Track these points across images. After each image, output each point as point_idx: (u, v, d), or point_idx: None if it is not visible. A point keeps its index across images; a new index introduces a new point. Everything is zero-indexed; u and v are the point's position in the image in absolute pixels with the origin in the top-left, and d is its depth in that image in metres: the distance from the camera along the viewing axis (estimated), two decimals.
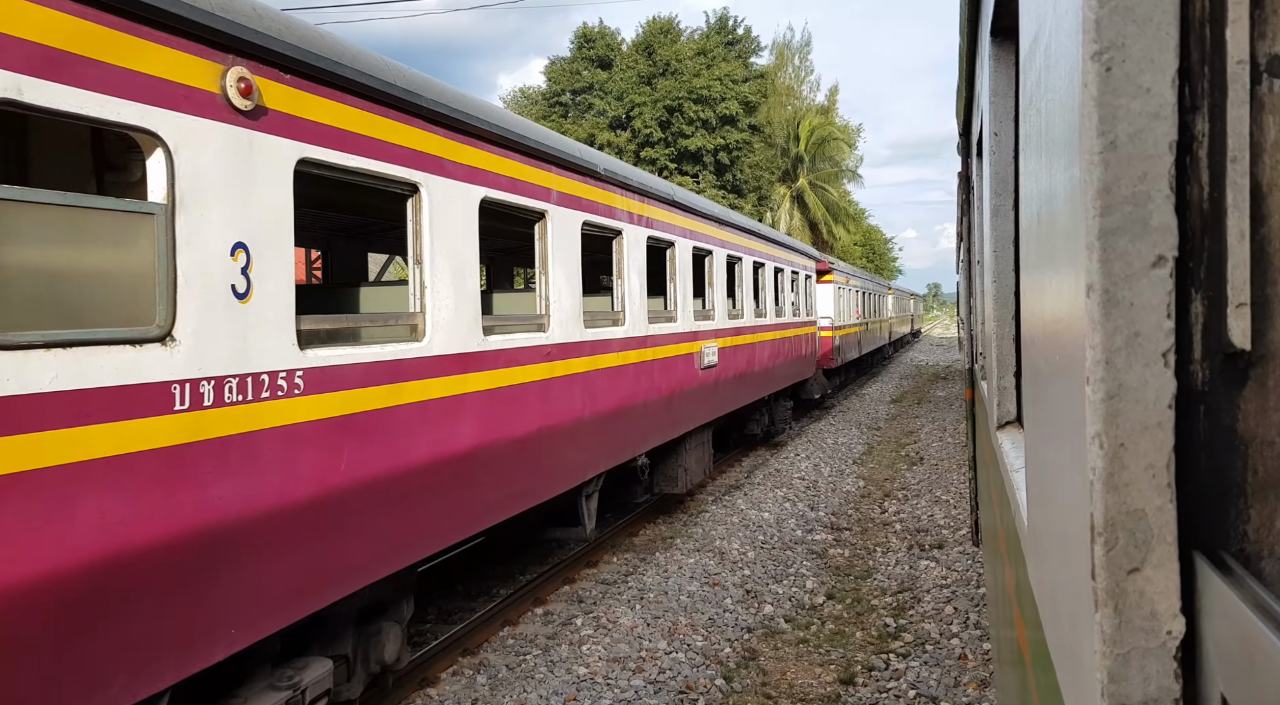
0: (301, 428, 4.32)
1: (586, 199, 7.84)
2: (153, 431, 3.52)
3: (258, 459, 4.04)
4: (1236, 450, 0.89)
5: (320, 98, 4.55)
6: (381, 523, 4.99)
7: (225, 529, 3.87)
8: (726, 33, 52.15)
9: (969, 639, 7.23)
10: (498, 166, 6.31)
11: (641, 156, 47.01)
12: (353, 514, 4.72)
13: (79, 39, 3.30)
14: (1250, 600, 0.76)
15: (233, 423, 3.90)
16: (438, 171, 5.56)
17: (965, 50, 5.07)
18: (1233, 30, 0.88)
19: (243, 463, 3.96)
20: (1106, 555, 0.89)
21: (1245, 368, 0.89)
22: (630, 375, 8.77)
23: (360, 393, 4.76)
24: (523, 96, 51.81)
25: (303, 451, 4.32)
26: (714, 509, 11.64)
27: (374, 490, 4.89)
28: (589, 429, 7.78)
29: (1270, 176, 0.88)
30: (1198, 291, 0.89)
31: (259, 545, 4.06)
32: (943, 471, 14.35)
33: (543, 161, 7.04)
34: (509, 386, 6.41)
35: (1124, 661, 0.88)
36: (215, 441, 3.81)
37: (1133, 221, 0.89)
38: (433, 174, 5.51)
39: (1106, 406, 0.89)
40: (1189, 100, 0.90)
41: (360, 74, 4.79)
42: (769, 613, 7.91)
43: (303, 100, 4.42)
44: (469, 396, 5.86)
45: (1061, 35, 1.12)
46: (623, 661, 6.76)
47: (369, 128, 4.91)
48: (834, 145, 56.10)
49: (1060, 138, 1.15)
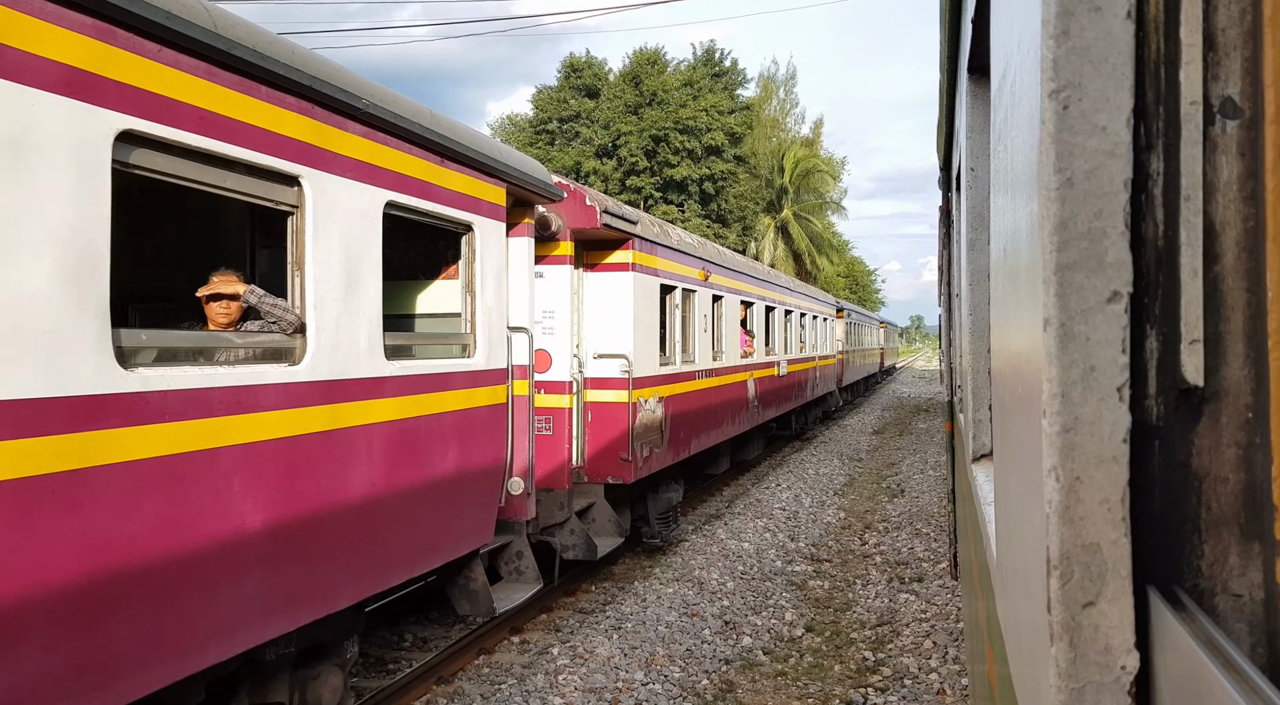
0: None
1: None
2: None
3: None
4: (1191, 485, 0.89)
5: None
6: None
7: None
8: (713, 64, 52.65)
9: (947, 674, 7.20)
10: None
11: (627, 185, 47.25)
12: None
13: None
14: (1200, 636, 0.76)
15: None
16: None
17: (945, 86, 5.14)
18: (1186, 72, 0.90)
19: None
20: (1062, 588, 0.89)
21: (1199, 404, 0.89)
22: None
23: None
24: (510, 123, 52.09)
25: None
26: (694, 538, 11.60)
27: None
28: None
29: (1223, 215, 0.89)
30: (1152, 327, 0.90)
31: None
32: (923, 504, 14.37)
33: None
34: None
35: (1079, 696, 0.88)
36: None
37: (1088, 257, 0.90)
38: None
39: (1062, 440, 0.90)
40: (1144, 139, 0.91)
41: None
42: (747, 644, 7.86)
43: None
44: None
45: (1024, 73, 1.14)
46: (599, 692, 6.69)
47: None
48: (818, 177, 56.60)
49: (1023, 173, 1.16)
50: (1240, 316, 0.88)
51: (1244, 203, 0.88)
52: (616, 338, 9.37)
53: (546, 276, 8.70)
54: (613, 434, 9.28)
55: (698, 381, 12.02)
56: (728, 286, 13.74)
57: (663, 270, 10.37)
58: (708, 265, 12.46)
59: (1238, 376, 0.88)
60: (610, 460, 9.31)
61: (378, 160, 5.28)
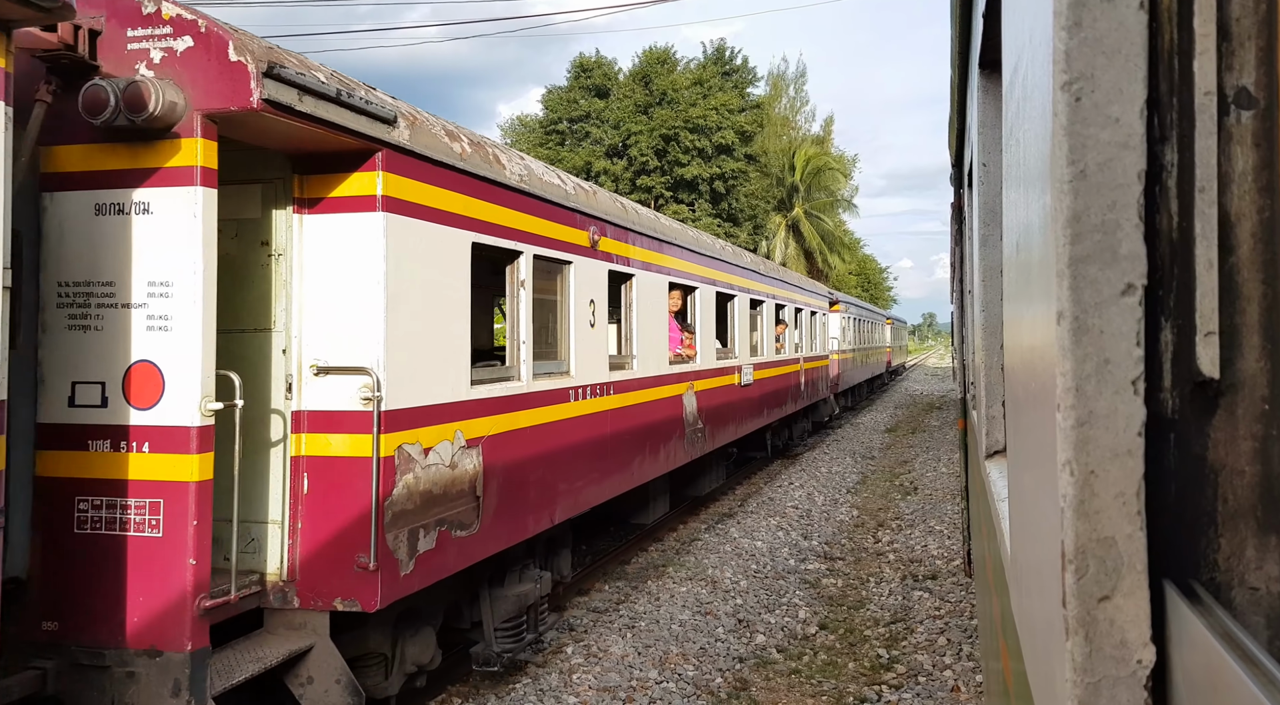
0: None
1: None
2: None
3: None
4: (1206, 479, 0.89)
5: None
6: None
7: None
8: (723, 63, 52.64)
9: (962, 671, 7.18)
10: None
11: (638, 184, 47.27)
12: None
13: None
14: (1217, 630, 0.75)
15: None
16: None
17: (956, 82, 5.12)
18: (1200, 62, 0.89)
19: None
20: (1077, 583, 0.89)
21: (1214, 396, 0.89)
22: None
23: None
24: (520, 124, 52.20)
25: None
26: (706, 537, 11.59)
27: None
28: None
29: (1238, 206, 0.89)
30: (1167, 320, 0.90)
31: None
32: (936, 501, 14.32)
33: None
34: None
35: (1094, 690, 0.88)
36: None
37: (1102, 250, 0.90)
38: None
39: (1077, 434, 0.89)
40: (1158, 131, 0.91)
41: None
42: (761, 642, 7.85)
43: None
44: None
45: (1036, 66, 1.13)
46: (613, 691, 6.70)
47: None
48: (829, 175, 56.49)
49: (1035, 167, 1.16)
50: (1256, 308, 0.87)
51: (1259, 194, 0.88)
52: (352, 335, 5.13)
53: (156, 211, 4.50)
54: (343, 516, 5.08)
55: (572, 405, 7.75)
56: (645, 260, 9.58)
57: (482, 220, 6.20)
58: (596, 224, 8.25)
59: (1254, 369, 0.87)
60: (338, 567, 5.07)
61: None
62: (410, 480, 5.34)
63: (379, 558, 4.99)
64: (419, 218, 5.50)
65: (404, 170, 5.35)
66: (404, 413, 5.31)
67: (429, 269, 5.59)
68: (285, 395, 5.21)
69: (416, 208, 5.47)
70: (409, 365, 5.35)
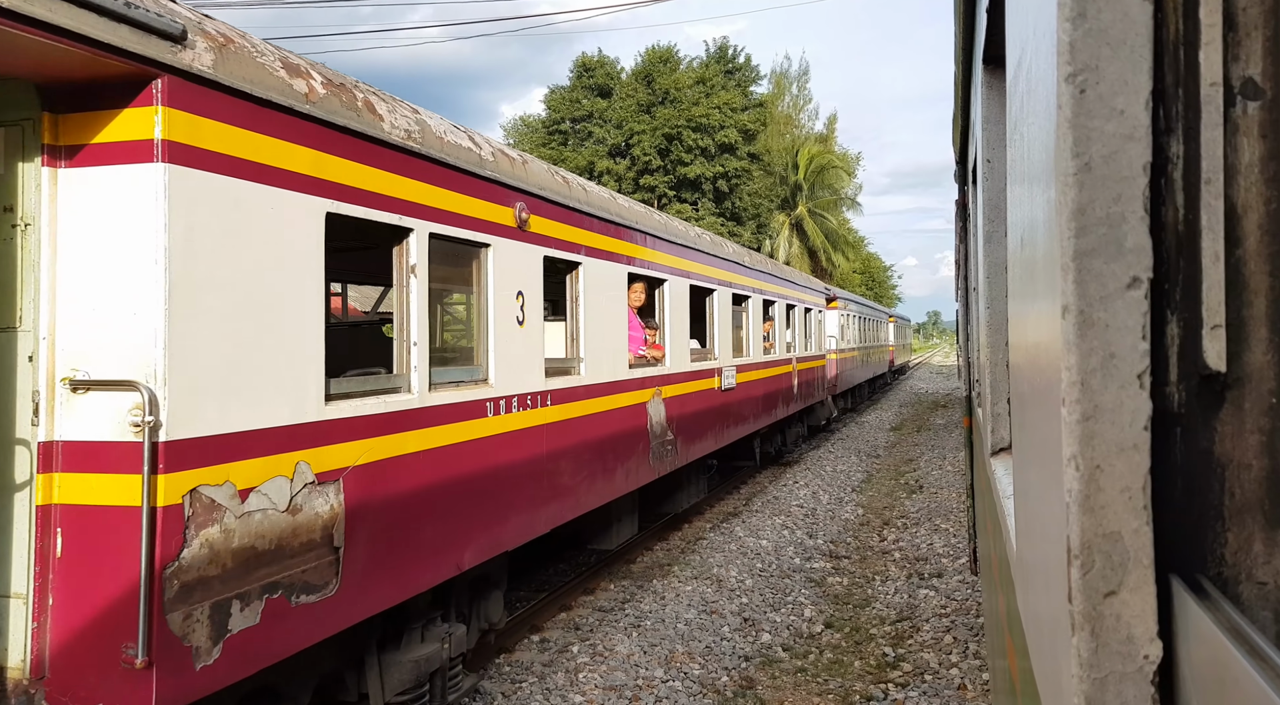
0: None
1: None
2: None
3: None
4: (1213, 473, 0.88)
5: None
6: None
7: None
8: (726, 61, 52.61)
9: (968, 669, 7.16)
10: None
11: (641, 184, 47.27)
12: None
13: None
14: (1224, 624, 0.75)
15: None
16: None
17: (960, 78, 5.11)
18: (1206, 53, 0.89)
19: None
20: (1083, 578, 0.88)
21: (1221, 390, 0.88)
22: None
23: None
24: (523, 124, 52.22)
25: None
26: (712, 536, 11.58)
27: None
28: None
29: (1244, 199, 0.88)
30: (1173, 313, 0.89)
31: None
32: (942, 499, 14.30)
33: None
34: None
35: (1101, 686, 0.87)
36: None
37: (1107, 243, 0.89)
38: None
39: (1082, 428, 0.89)
40: (1163, 122, 0.90)
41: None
42: (767, 641, 7.84)
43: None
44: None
45: (1040, 59, 1.13)
46: (619, 690, 6.69)
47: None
48: (833, 173, 56.43)
49: (1040, 161, 1.15)
50: (1263, 301, 0.87)
51: (1266, 185, 0.87)
52: (118, 337, 3.73)
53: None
54: (108, 589, 3.62)
55: (492, 421, 6.20)
56: (596, 247, 8.14)
57: (346, 185, 4.82)
58: (525, 199, 6.73)
59: (1261, 362, 0.87)
60: (103, 660, 3.60)
61: None
62: (214, 535, 3.84)
63: (154, 649, 3.52)
64: (233, 174, 4.01)
65: (204, 108, 3.86)
66: (200, 443, 3.79)
67: (253, 245, 4.12)
68: (32, 419, 3.74)
69: (228, 161, 3.98)
70: (214, 377, 3.88)
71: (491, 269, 6.26)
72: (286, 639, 4.28)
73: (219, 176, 3.96)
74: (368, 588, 4.86)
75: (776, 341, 16.33)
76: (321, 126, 4.60)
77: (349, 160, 4.81)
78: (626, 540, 10.17)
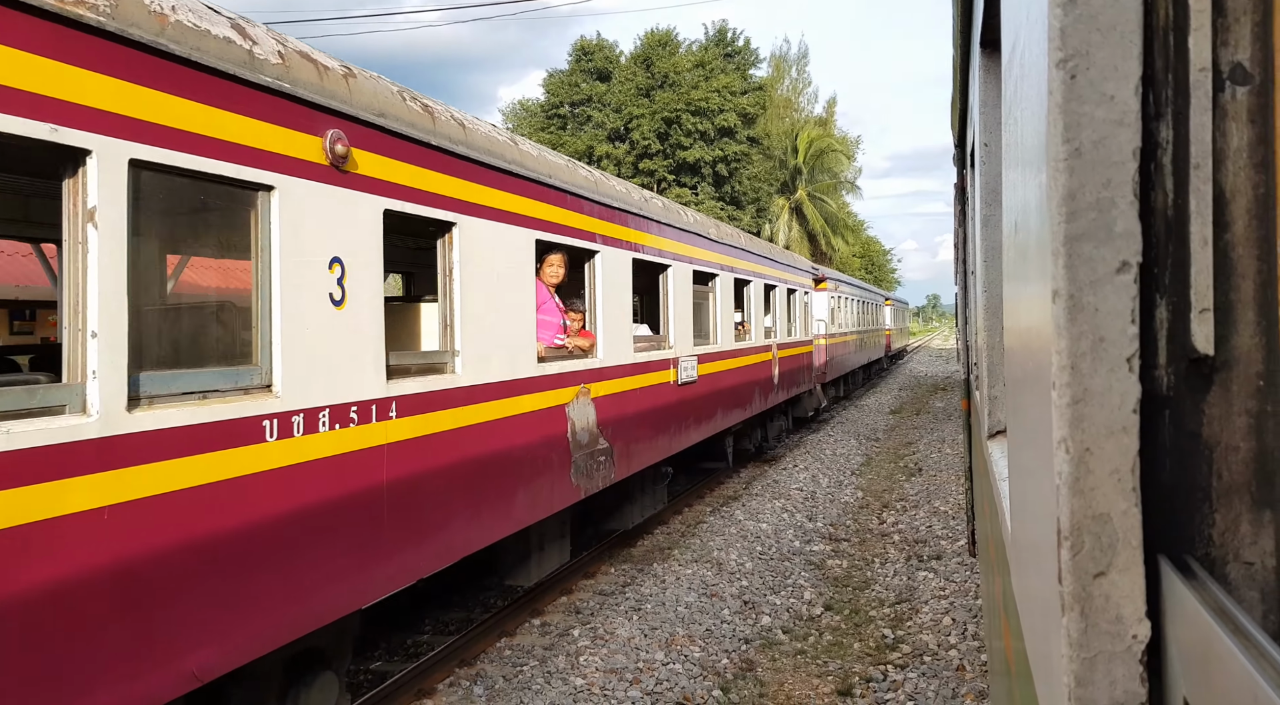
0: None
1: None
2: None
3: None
4: (1201, 455, 0.89)
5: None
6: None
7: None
8: (725, 45, 52.38)
9: (966, 650, 7.21)
10: None
11: (640, 168, 47.15)
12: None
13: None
14: (1211, 605, 0.76)
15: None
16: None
17: (958, 62, 5.10)
18: (1195, 38, 0.89)
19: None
20: (1073, 559, 0.89)
21: (1209, 373, 0.89)
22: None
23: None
24: (522, 108, 52.05)
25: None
26: (712, 520, 11.63)
27: None
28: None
29: (1233, 183, 0.89)
30: (1162, 297, 0.90)
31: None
32: (941, 482, 14.34)
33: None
34: None
35: (1090, 665, 0.88)
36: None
37: (1097, 228, 0.90)
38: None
39: (1072, 411, 0.90)
40: (1153, 107, 0.91)
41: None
42: (767, 624, 7.88)
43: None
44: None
45: (1033, 44, 1.13)
46: (620, 672, 6.74)
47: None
48: (832, 157, 56.32)
49: (1032, 146, 1.16)
50: (1251, 284, 0.87)
51: (1254, 170, 0.88)
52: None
53: None
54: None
55: (270, 448, 4.29)
56: (482, 204, 6.30)
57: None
58: (344, 126, 4.92)
59: (1248, 345, 0.88)
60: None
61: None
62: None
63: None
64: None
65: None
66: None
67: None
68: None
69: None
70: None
71: (277, 223, 4.38)
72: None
73: None
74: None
75: (753, 326, 14.65)
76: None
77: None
78: (556, 571, 8.52)
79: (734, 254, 13.56)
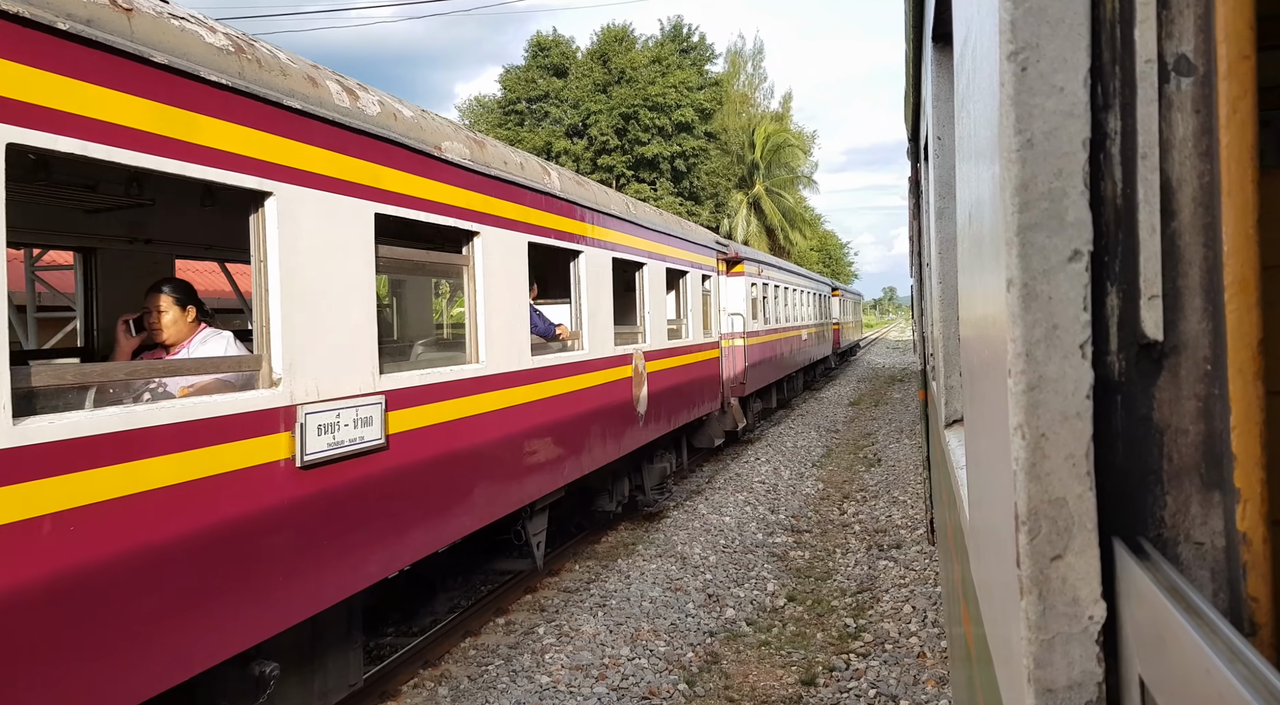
0: None
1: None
2: None
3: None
4: (1152, 438, 0.91)
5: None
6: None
7: None
8: (681, 40, 52.42)
9: (927, 637, 7.30)
10: None
11: (599, 164, 47.08)
12: None
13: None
14: (1164, 584, 0.78)
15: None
16: None
17: (911, 56, 5.15)
18: (1141, 30, 0.91)
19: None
20: (1030, 543, 0.91)
21: (1159, 358, 0.91)
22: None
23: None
24: (479, 105, 51.69)
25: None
26: (675, 514, 11.66)
27: None
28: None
29: (1179, 172, 0.91)
30: (1113, 284, 0.92)
31: None
32: (900, 472, 14.50)
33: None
34: None
35: (1049, 647, 0.90)
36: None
37: (1049, 217, 0.91)
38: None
39: (1027, 398, 0.91)
40: (1101, 98, 0.92)
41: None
42: (731, 616, 7.93)
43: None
44: None
45: (984, 37, 1.14)
46: (585, 669, 6.73)
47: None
48: (789, 152, 56.68)
49: (985, 138, 1.17)
50: (1197, 271, 0.89)
51: (1199, 159, 0.90)
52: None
53: None
54: None
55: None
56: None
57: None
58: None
59: (1196, 330, 0.90)
60: None
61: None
62: None
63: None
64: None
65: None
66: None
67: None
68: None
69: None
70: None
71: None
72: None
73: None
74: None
75: (586, 328, 8.76)
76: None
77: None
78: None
79: (576, 216, 8.42)
